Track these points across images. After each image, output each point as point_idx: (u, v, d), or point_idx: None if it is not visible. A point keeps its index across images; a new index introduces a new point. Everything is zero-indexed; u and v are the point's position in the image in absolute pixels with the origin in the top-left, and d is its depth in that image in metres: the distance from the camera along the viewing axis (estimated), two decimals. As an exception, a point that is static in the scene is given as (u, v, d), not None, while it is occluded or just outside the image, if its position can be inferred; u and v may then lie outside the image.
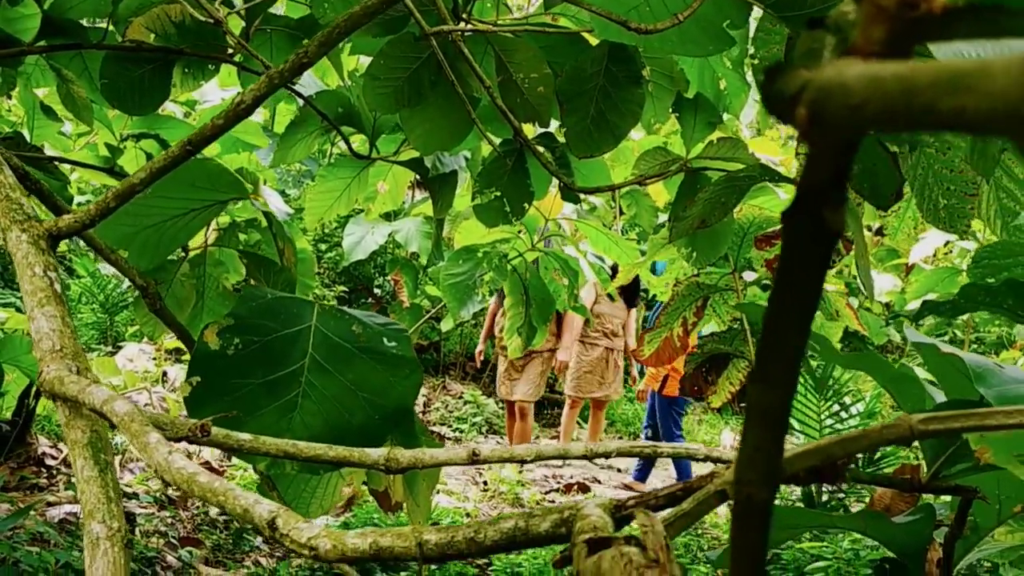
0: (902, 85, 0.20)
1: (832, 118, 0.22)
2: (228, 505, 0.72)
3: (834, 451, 0.49)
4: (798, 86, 0.23)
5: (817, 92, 0.23)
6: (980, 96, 0.19)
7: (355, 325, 1.47)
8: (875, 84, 0.21)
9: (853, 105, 0.21)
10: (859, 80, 0.21)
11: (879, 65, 0.21)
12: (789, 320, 0.29)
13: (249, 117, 1.98)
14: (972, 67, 0.20)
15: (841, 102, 0.22)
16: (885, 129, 0.21)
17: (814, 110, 0.23)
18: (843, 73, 0.22)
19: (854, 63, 0.22)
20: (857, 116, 0.21)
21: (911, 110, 0.20)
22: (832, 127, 0.23)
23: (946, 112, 0.20)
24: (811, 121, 0.23)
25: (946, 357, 1.24)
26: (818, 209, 0.27)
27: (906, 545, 1.56)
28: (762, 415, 0.30)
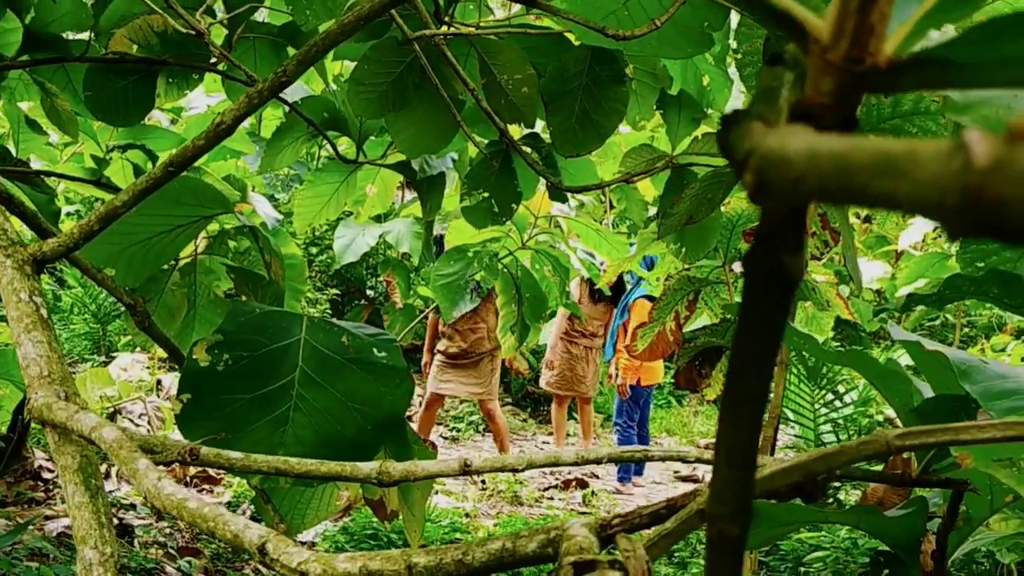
0: (838, 164, 0.21)
1: (775, 188, 0.23)
2: (218, 531, 0.73)
3: (814, 467, 0.50)
4: (745, 152, 0.24)
5: (761, 161, 0.23)
6: (910, 182, 0.20)
7: (344, 336, 1.47)
8: (813, 161, 0.21)
9: (793, 179, 0.22)
10: (799, 155, 0.22)
11: (818, 140, 0.21)
12: (752, 362, 0.30)
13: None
14: (903, 151, 0.20)
15: (782, 175, 0.22)
16: (824, 201, 0.22)
17: (759, 178, 0.23)
18: (785, 146, 0.22)
19: (797, 134, 0.23)
20: (797, 189, 0.22)
21: (847, 189, 0.21)
22: (776, 195, 0.23)
23: (879, 194, 0.20)
24: (757, 188, 0.24)
25: (930, 354, 1.25)
26: (777, 255, 0.28)
27: (900, 538, 1.57)
28: (729, 453, 0.31)
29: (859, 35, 0.26)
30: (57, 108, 2.89)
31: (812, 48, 0.27)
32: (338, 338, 1.46)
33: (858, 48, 0.26)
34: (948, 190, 0.19)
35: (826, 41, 0.26)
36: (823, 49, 0.26)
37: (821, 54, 0.27)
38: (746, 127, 0.25)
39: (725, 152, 0.26)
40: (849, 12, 0.26)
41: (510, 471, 1.15)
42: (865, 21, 0.26)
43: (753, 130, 0.25)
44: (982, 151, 0.19)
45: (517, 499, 7.32)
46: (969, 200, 0.19)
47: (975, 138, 0.20)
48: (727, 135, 0.26)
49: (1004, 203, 0.19)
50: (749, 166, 0.24)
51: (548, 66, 2.48)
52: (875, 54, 0.26)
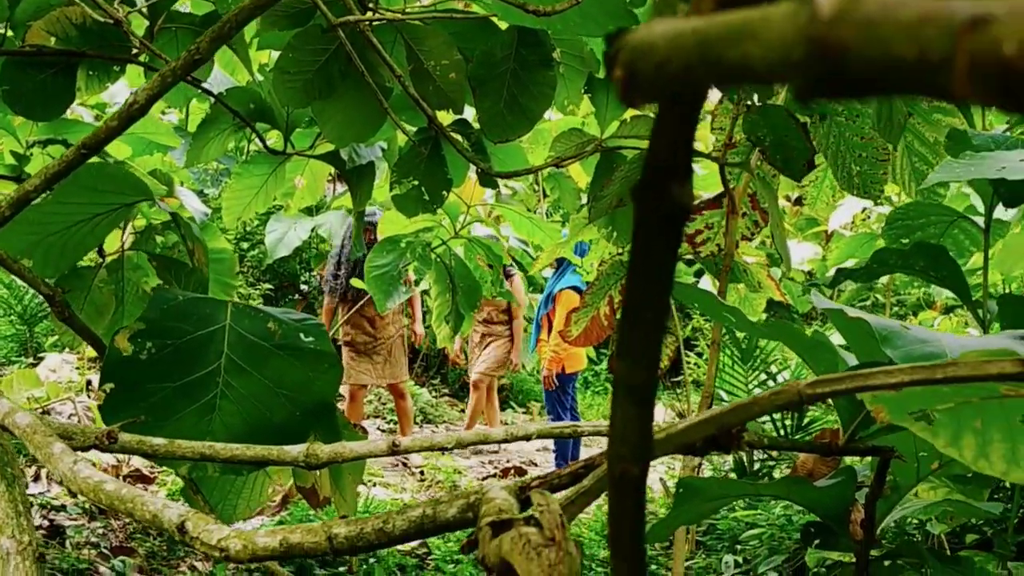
0: (697, 38, 0.21)
1: (642, 78, 0.22)
2: (137, 512, 0.71)
3: (728, 419, 0.50)
4: (615, 48, 0.24)
5: (631, 53, 0.23)
6: (760, 44, 0.20)
7: (271, 322, 1.45)
8: (677, 40, 0.21)
9: (658, 63, 0.22)
10: (663, 37, 0.22)
11: (683, 21, 0.21)
12: (647, 297, 0.30)
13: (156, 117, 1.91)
14: (757, 16, 0.20)
15: (650, 60, 0.22)
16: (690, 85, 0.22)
17: (628, 71, 0.23)
18: (652, 31, 0.22)
19: (663, 22, 0.23)
20: (662, 74, 0.22)
21: (707, 63, 0.20)
22: (643, 87, 0.23)
23: (734, 62, 0.20)
24: (627, 83, 0.23)
25: (853, 321, 1.27)
26: (666, 184, 0.28)
27: (830, 508, 1.59)
28: (629, 391, 0.31)
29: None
30: (-27, 103, 2.82)
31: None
32: (264, 324, 1.45)
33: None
34: (794, 45, 0.19)
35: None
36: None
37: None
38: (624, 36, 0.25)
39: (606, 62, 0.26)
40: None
41: (439, 450, 1.14)
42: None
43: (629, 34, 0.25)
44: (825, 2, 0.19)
45: (456, 489, 7.31)
46: (814, 52, 0.19)
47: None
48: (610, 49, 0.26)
49: (848, 51, 0.19)
50: (619, 60, 0.23)
51: (475, 51, 2.48)
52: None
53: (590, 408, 11.25)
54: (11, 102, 2.58)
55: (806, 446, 1.51)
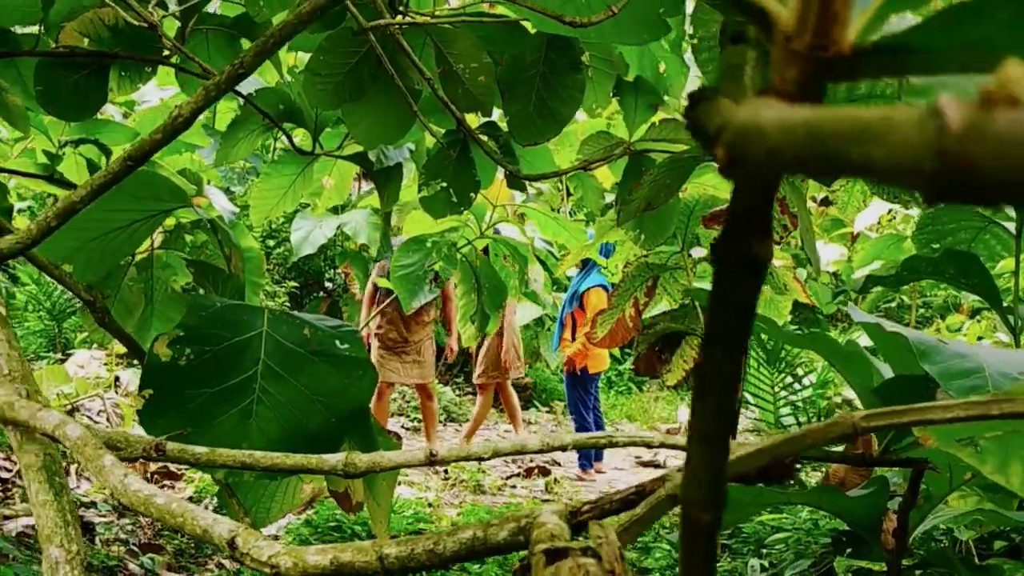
0: (813, 133, 0.21)
1: (750, 161, 0.23)
2: (187, 526, 0.73)
3: (782, 450, 0.50)
4: (716, 126, 0.24)
5: (734, 135, 0.23)
6: (885, 148, 0.20)
7: (306, 329, 1.47)
8: (788, 131, 0.22)
9: (767, 150, 0.22)
10: (773, 126, 0.22)
11: (792, 111, 0.22)
12: (723, 348, 0.30)
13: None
14: (877, 118, 0.21)
15: (757, 146, 0.23)
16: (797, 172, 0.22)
17: (732, 152, 0.24)
18: (758, 117, 0.23)
19: (769, 105, 0.23)
20: (773, 160, 0.22)
21: (822, 158, 0.21)
22: (750, 168, 0.23)
23: (854, 162, 0.21)
24: (730, 161, 0.24)
25: (890, 335, 1.27)
26: (746, 240, 0.28)
27: (862, 517, 1.59)
28: (702, 439, 0.31)
29: (822, 23, 0.26)
30: (7, 103, 2.85)
31: (776, 36, 0.27)
32: (300, 331, 1.46)
33: (822, 36, 0.26)
34: (923, 155, 0.20)
35: (790, 29, 0.27)
36: (787, 38, 0.27)
37: (785, 43, 0.27)
38: (715, 104, 0.26)
39: (694, 129, 0.26)
40: (812, 2, 0.26)
41: (476, 460, 1.15)
42: (828, 9, 0.26)
43: (723, 105, 0.25)
44: (956, 116, 0.20)
45: (480, 488, 7.33)
46: (944, 164, 0.20)
47: (949, 103, 0.20)
48: (695, 112, 0.27)
49: (978, 166, 0.19)
50: (721, 139, 0.24)
51: (504, 54, 2.48)
52: (839, 42, 0.26)
53: (613, 408, 11.24)
54: (44, 103, 2.60)
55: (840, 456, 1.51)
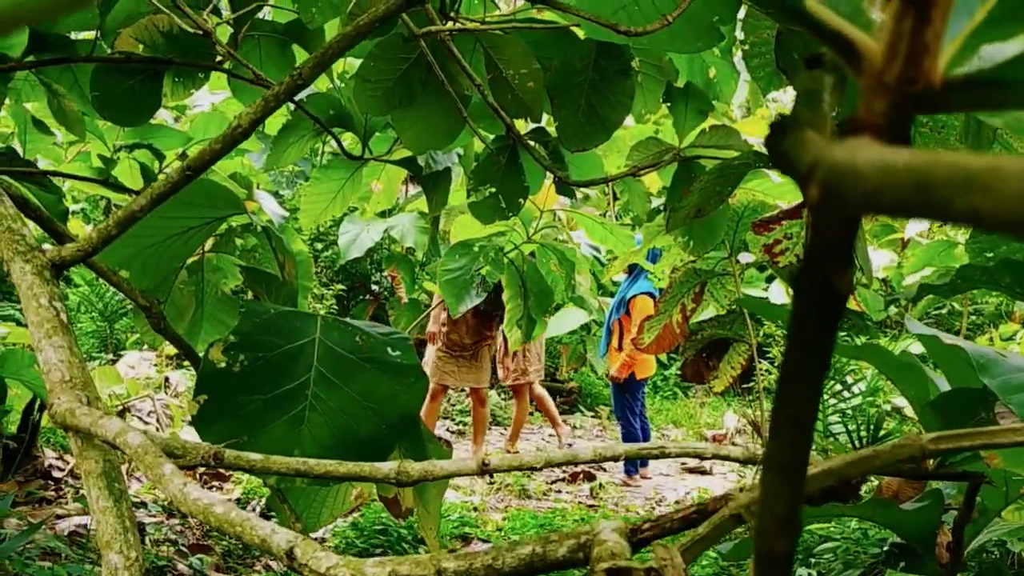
0: (915, 179, 0.21)
1: (846, 202, 0.23)
2: (246, 536, 0.73)
3: (848, 471, 0.50)
4: (809, 163, 0.24)
5: (829, 174, 0.23)
6: (994, 198, 0.20)
7: (358, 336, 1.47)
8: (888, 174, 0.21)
9: (866, 192, 0.22)
10: (871, 168, 0.22)
11: (891, 154, 0.22)
12: (802, 377, 0.30)
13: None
14: (985, 167, 0.20)
15: (854, 188, 0.22)
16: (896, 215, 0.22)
17: (827, 191, 0.23)
18: (855, 158, 0.22)
19: (866, 146, 0.23)
20: (870, 203, 0.22)
21: (925, 204, 0.21)
22: (845, 209, 0.23)
23: (960, 210, 0.20)
24: (824, 200, 0.24)
25: (948, 348, 1.25)
26: (826, 272, 0.28)
27: (916, 530, 1.57)
28: (779, 469, 0.31)
29: (913, 56, 0.26)
30: (64, 109, 2.90)
31: (865, 68, 0.27)
32: (352, 337, 1.47)
33: (912, 69, 0.26)
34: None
35: (879, 62, 0.27)
36: (876, 70, 0.27)
37: (874, 75, 0.27)
38: (801, 137, 0.26)
39: (779, 161, 0.26)
40: (903, 33, 0.26)
41: (528, 469, 1.15)
42: (919, 42, 0.26)
43: (811, 140, 0.25)
44: None
45: (525, 492, 7.32)
46: None
47: None
48: (779, 143, 0.26)
49: None
50: (815, 178, 0.24)
51: (554, 60, 2.48)
52: (929, 74, 0.26)
53: (659, 413, 11.19)
54: (100, 108, 2.64)
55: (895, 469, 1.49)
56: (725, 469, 8.28)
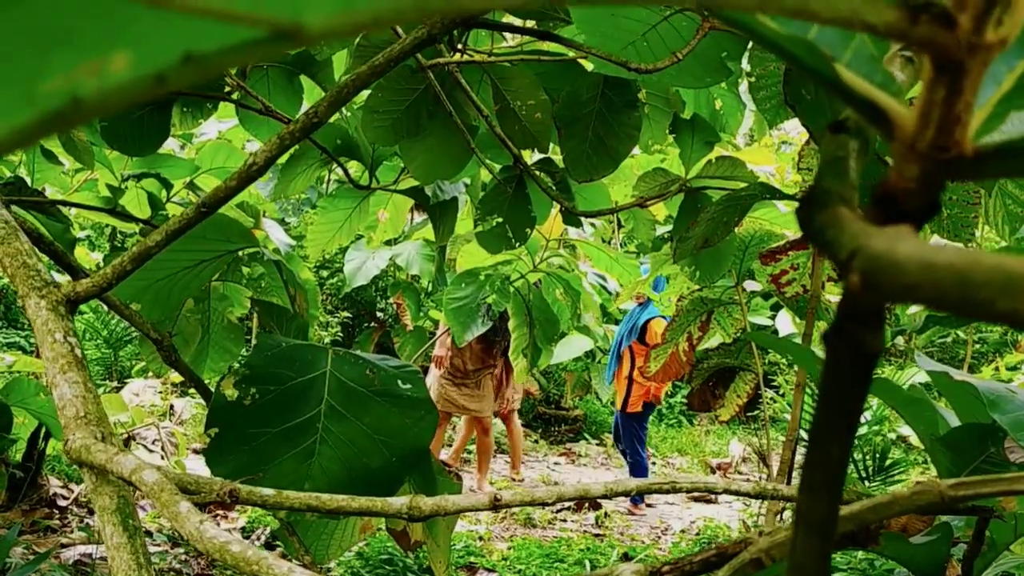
0: (956, 277, 0.21)
1: (886, 291, 0.23)
2: (262, 574, 0.73)
3: (867, 517, 0.50)
4: (849, 250, 0.24)
5: (868, 264, 0.24)
6: None
7: (369, 369, 1.48)
8: (929, 271, 0.22)
9: (907, 285, 0.22)
10: (911, 262, 0.22)
11: (931, 250, 0.22)
12: (832, 433, 0.30)
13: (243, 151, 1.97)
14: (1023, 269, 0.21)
15: (894, 280, 0.23)
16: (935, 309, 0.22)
17: (867, 280, 0.24)
18: (896, 251, 0.23)
19: (904, 237, 0.23)
20: (911, 295, 0.22)
21: (966, 303, 0.21)
22: (885, 297, 0.24)
23: (1002, 312, 0.21)
24: (864, 289, 0.24)
25: (958, 384, 1.25)
26: (858, 331, 0.29)
27: (925, 565, 1.56)
28: (810, 525, 0.31)
29: (945, 125, 0.27)
30: (73, 138, 2.92)
31: (898, 135, 0.28)
32: (363, 371, 1.47)
33: (944, 137, 0.27)
34: None
35: (912, 131, 0.27)
36: (909, 138, 0.27)
37: (907, 143, 0.27)
38: (835, 214, 0.26)
39: (815, 240, 0.27)
40: (935, 103, 0.26)
41: (540, 505, 1.15)
42: (951, 112, 0.26)
43: (847, 221, 0.25)
44: None
45: (530, 521, 7.29)
46: None
47: None
48: (813, 220, 0.27)
49: None
50: (854, 267, 0.24)
51: (561, 92, 2.50)
52: (960, 143, 0.27)
53: (664, 441, 11.17)
54: (108, 138, 2.66)
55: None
56: (730, 498, 8.25)
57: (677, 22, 1.54)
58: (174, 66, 0.17)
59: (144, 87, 0.18)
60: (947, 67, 0.25)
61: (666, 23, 1.55)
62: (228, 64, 0.18)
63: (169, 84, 0.18)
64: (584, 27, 1.63)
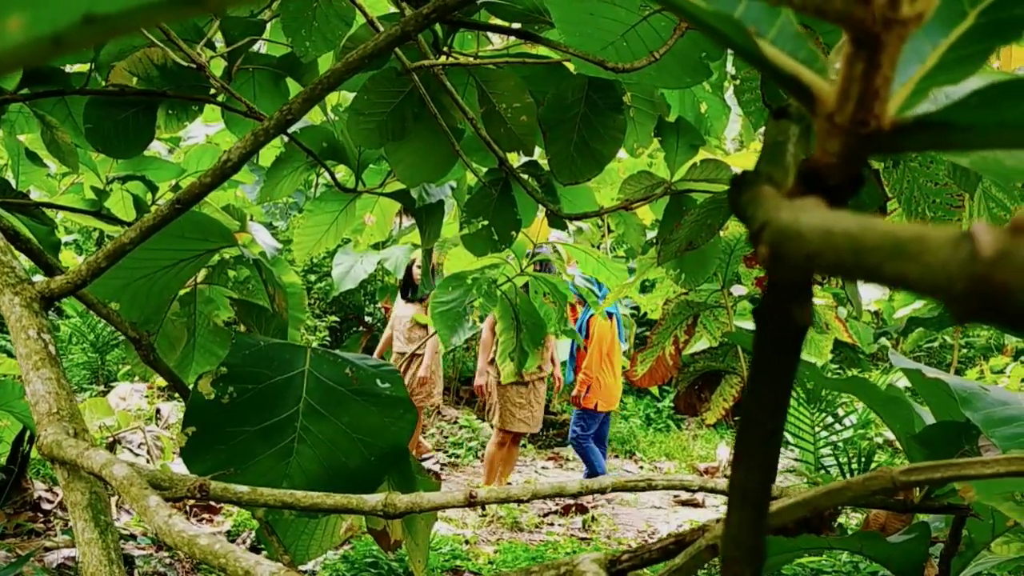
0: (851, 244, 0.22)
1: (790, 260, 0.24)
2: (229, 567, 0.73)
3: (820, 503, 0.50)
4: (759, 223, 0.25)
5: (775, 235, 0.24)
6: (919, 266, 0.21)
7: (348, 368, 1.48)
8: (827, 238, 0.22)
9: (808, 253, 0.23)
10: (812, 231, 0.23)
11: (831, 217, 0.23)
12: (765, 406, 0.31)
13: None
14: (911, 236, 0.21)
15: (796, 249, 0.23)
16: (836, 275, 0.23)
17: (774, 251, 0.24)
18: (798, 221, 0.23)
19: (810, 208, 0.24)
20: (812, 263, 0.23)
21: (860, 268, 0.22)
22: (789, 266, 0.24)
23: (890, 275, 0.21)
24: (771, 259, 0.25)
25: (931, 381, 1.26)
26: (786, 305, 0.29)
27: (903, 564, 1.57)
28: (743, 496, 0.32)
29: (864, 99, 0.27)
30: (57, 140, 2.91)
31: (819, 111, 0.28)
32: (342, 369, 1.47)
33: (863, 111, 0.27)
34: (955, 277, 0.20)
35: (832, 105, 0.28)
36: (829, 112, 0.28)
37: (828, 117, 0.28)
38: (757, 192, 0.27)
39: (738, 216, 0.27)
40: (854, 77, 0.27)
41: (515, 502, 1.15)
42: (870, 86, 0.27)
43: (765, 197, 0.26)
44: (987, 242, 0.20)
45: (517, 525, 7.29)
46: (975, 287, 0.20)
47: (981, 229, 0.21)
48: (739, 197, 0.27)
49: (1008, 291, 0.20)
50: (763, 238, 0.25)
51: (546, 94, 2.50)
52: (879, 117, 0.27)
53: (652, 445, 11.17)
54: (93, 140, 2.65)
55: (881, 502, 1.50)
56: (718, 502, 8.26)
57: (656, 22, 1.55)
58: (74, 27, 0.18)
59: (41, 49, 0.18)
60: (864, 41, 0.26)
61: (645, 23, 1.55)
62: (130, 26, 0.18)
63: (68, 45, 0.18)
64: (564, 27, 1.64)
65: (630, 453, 11.00)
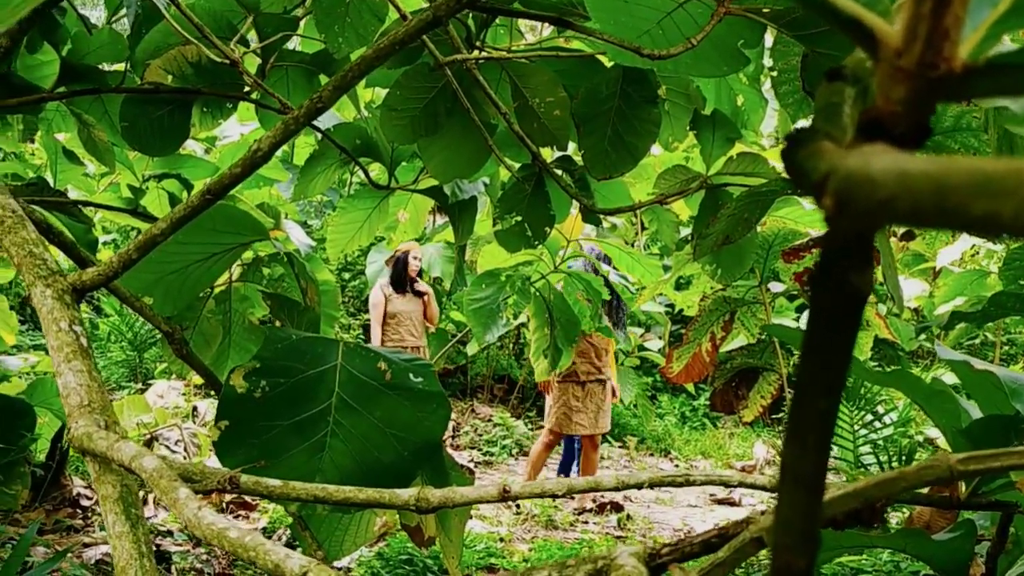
0: (933, 185, 0.19)
1: (860, 211, 0.21)
2: (259, 560, 0.72)
3: (872, 494, 0.48)
4: (822, 173, 0.23)
5: (842, 183, 0.22)
6: (1014, 201, 0.19)
7: (381, 362, 1.46)
8: (904, 181, 0.20)
9: (881, 200, 0.21)
10: (886, 175, 0.21)
11: (907, 160, 0.20)
12: (820, 383, 0.29)
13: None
14: (1005, 170, 0.19)
15: (868, 197, 0.21)
16: (913, 224, 0.21)
17: (840, 200, 0.22)
18: (869, 165, 0.21)
19: (880, 152, 0.22)
20: (886, 211, 0.21)
21: (943, 210, 0.19)
22: (860, 218, 0.22)
23: (980, 215, 0.19)
24: (837, 211, 0.22)
25: (980, 374, 1.23)
26: (845, 273, 0.27)
27: (948, 562, 1.53)
28: (796, 478, 0.30)
29: (933, 40, 0.25)
30: (94, 139, 2.92)
31: (883, 54, 0.26)
32: (374, 364, 1.46)
33: (932, 53, 0.25)
34: None
35: (898, 47, 0.25)
36: (895, 55, 0.25)
37: (893, 60, 0.25)
38: (816, 147, 0.24)
39: (794, 173, 0.25)
40: (922, 15, 0.25)
41: (550, 497, 1.13)
42: (939, 25, 0.24)
43: (826, 150, 0.24)
44: None
45: (552, 523, 7.27)
46: None
47: None
48: (794, 155, 0.25)
49: None
50: (828, 189, 0.22)
51: (580, 88, 2.47)
52: (950, 59, 0.25)
53: (687, 443, 11.11)
54: (129, 138, 2.66)
55: (925, 498, 1.46)
56: (755, 500, 8.20)
57: (692, 8, 1.52)
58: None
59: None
60: (934, -25, 0.24)
61: (681, 10, 1.52)
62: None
63: None
64: (599, 16, 1.61)
65: (665, 451, 10.94)
